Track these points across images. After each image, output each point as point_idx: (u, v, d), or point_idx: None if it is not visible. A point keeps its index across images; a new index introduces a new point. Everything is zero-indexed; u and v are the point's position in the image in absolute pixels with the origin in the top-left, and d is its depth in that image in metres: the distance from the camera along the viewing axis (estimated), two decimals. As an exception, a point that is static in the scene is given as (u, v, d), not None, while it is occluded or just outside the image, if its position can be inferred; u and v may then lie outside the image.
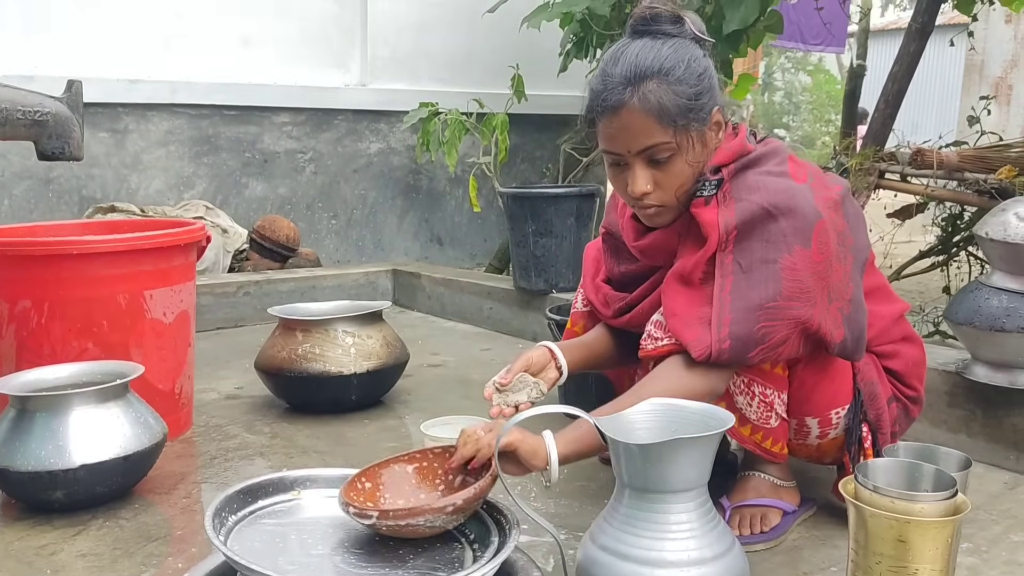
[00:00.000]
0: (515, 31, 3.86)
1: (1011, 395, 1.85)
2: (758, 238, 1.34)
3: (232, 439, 2.09)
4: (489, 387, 1.45)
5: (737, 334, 1.32)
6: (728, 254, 1.35)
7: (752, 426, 1.48)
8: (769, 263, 1.33)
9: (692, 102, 1.36)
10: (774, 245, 1.34)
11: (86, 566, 1.44)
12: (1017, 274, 1.79)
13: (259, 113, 4.39)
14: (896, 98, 3.89)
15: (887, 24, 14.31)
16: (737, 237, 1.35)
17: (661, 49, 1.36)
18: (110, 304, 1.91)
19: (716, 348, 1.31)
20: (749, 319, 1.32)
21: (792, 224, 1.34)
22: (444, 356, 2.95)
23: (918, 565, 0.87)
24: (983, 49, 8.22)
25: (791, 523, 1.56)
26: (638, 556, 1.12)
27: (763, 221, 1.34)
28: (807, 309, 1.33)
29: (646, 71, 1.34)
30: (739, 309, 1.33)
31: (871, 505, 0.91)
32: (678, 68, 1.35)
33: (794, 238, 1.34)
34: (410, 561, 1.18)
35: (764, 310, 1.32)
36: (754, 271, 1.34)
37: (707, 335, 1.32)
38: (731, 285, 1.34)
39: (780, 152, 1.46)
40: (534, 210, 3.01)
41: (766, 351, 1.34)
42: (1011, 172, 2.90)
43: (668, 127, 1.35)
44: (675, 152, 1.37)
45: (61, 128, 1.80)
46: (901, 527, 0.88)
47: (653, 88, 1.33)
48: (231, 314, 3.45)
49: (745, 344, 1.32)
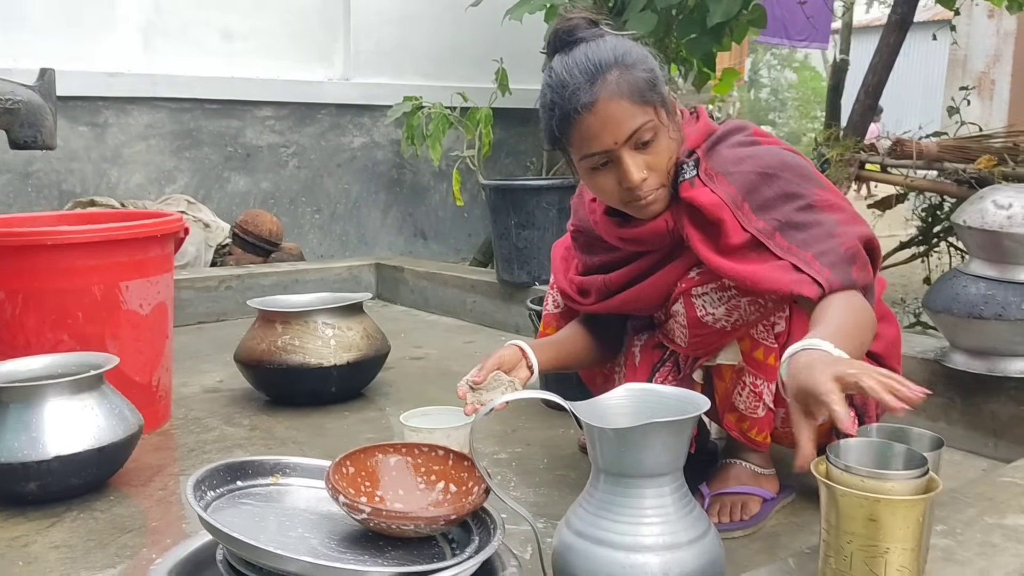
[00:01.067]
0: (498, 24, 3.85)
1: (989, 382, 1.85)
2: (776, 198, 1.36)
3: (211, 431, 2.07)
4: (463, 385, 1.42)
5: (830, 262, 1.30)
6: (757, 222, 1.35)
7: (739, 415, 1.49)
8: (805, 209, 1.35)
9: (654, 78, 1.37)
10: (797, 196, 1.35)
11: (59, 558, 1.43)
12: (995, 261, 1.79)
13: (241, 107, 4.37)
14: (876, 89, 3.90)
15: (872, 20, 14.38)
16: (752, 207, 1.36)
17: (603, 45, 1.37)
18: (85, 295, 1.89)
19: (821, 278, 1.29)
20: (830, 246, 1.31)
21: (796, 175, 1.37)
22: (426, 349, 2.94)
23: (889, 544, 0.87)
24: (966, 44, 8.26)
25: (770, 510, 1.56)
26: (613, 541, 1.11)
27: (767, 182, 1.36)
28: (864, 227, 1.36)
29: (604, 64, 1.34)
30: (814, 246, 1.32)
31: (842, 484, 0.90)
32: (629, 53, 1.36)
33: (809, 184, 1.37)
34: (388, 552, 1.17)
35: (834, 236, 1.32)
36: (796, 220, 1.34)
37: (802, 276, 1.30)
38: (784, 239, 1.33)
39: (746, 126, 1.48)
40: (516, 202, 3.01)
41: (861, 270, 1.32)
42: (990, 162, 2.91)
43: (646, 105, 1.35)
44: (658, 128, 1.36)
45: (33, 116, 1.78)
46: (872, 506, 0.88)
47: (617, 76, 1.33)
48: (213, 308, 3.43)
49: (842, 267, 1.30)
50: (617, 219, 1.51)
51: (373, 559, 1.13)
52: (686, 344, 1.50)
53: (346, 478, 1.23)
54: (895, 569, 0.88)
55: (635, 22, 3.30)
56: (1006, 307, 1.75)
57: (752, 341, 1.45)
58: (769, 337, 1.45)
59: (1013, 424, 1.84)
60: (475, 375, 1.40)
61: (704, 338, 1.47)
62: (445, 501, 1.26)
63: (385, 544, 1.19)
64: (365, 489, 1.25)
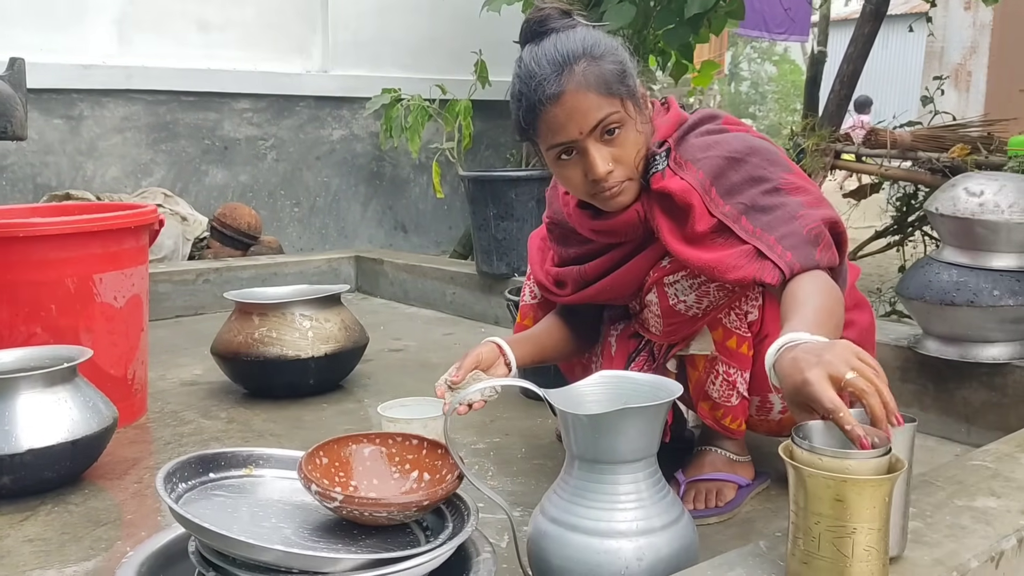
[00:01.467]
0: (477, 16, 3.84)
1: (962, 368, 1.87)
2: (743, 182, 1.36)
3: (187, 424, 2.06)
4: (441, 385, 1.39)
5: (792, 244, 1.30)
6: (723, 206, 1.36)
7: (713, 403, 1.50)
8: (771, 192, 1.35)
9: (624, 70, 1.36)
10: (763, 180, 1.36)
11: (33, 551, 1.42)
12: (967, 248, 1.81)
13: (218, 99, 4.33)
14: (851, 79, 3.93)
15: (850, 13, 14.44)
16: (720, 191, 1.36)
17: (572, 36, 1.37)
18: (58, 288, 1.87)
19: (784, 264, 1.29)
20: (793, 229, 1.32)
21: (764, 159, 1.38)
22: (406, 341, 2.94)
23: (856, 524, 0.88)
24: (943, 36, 8.33)
25: (745, 496, 1.57)
26: (588, 527, 1.12)
27: (734, 167, 1.37)
28: (829, 210, 1.36)
29: (572, 55, 1.34)
30: (777, 229, 1.32)
31: (808, 465, 0.91)
32: (598, 45, 1.36)
33: (773, 167, 1.37)
34: (362, 540, 1.17)
35: (799, 218, 1.33)
36: (762, 203, 1.34)
37: (765, 262, 1.30)
38: (749, 223, 1.34)
39: (717, 115, 1.48)
40: (495, 194, 3.01)
41: (824, 251, 1.32)
42: (963, 150, 2.94)
43: (613, 96, 1.34)
44: (625, 120, 1.36)
45: (3, 107, 1.76)
46: (838, 486, 0.88)
47: (584, 67, 1.33)
48: (190, 302, 3.41)
49: (804, 249, 1.30)
50: (589, 211, 1.51)
51: (347, 547, 1.13)
52: (660, 333, 1.51)
53: (319, 468, 1.23)
54: (862, 549, 0.89)
55: (613, 13, 3.30)
56: (978, 294, 1.77)
57: (725, 330, 1.46)
58: (742, 326, 1.46)
59: (985, 410, 1.86)
60: (453, 375, 1.38)
61: (677, 326, 1.48)
62: (419, 489, 1.26)
63: (359, 532, 1.19)
64: (339, 479, 1.25)
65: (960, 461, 1.34)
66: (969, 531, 1.08)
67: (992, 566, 1.03)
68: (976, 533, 1.07)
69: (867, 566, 0.90)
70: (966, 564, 1.00)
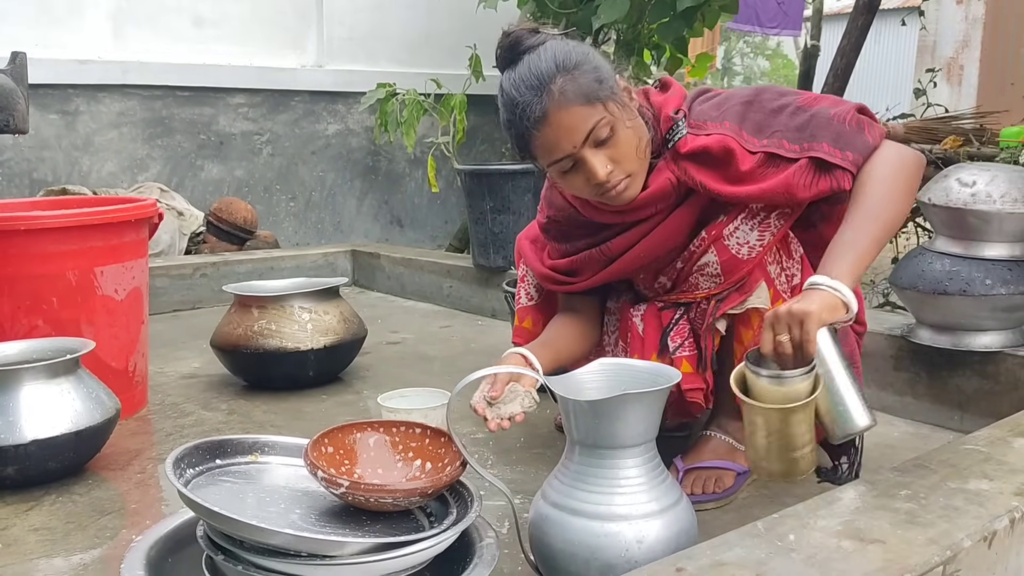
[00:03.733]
0: (472, 11, 3.85)
1: (954, 357, 1.90)
2: (767, 115, 1.45)
3: (188, 416, 2.08)
4: (480, 402, 1.38)
5: (846, 142, 1.40)
6: (755, 143, 1.44)
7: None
8: (793, 113, 1.44)
9: (600, 75, 1.41)
10: (782, 106, 1.45)
11: (39, 540, 1.43)
12: (959, 238, 1.83)
13: (214, 94, 4.34)
14: (844, 72, 3.95)
15: (843, 8, 14.46)
16: (750, 131, 1.45)
17: (543, 55, 1.41)
18: (60, 281, 1.88)
19: (847, 164, 1.38)
20: (835, 128, 1.40)
21: (772, 93, 1.48)
22: (403, 334, 2.95)
23: (795, 433, 1.19)
24: (935, 30, 8.36)
25: (743, 483, 1.59)
26: (588, 511, 1.14)
27: (751, 108, 1.46)
28: (851, 103, 1.45)
29: (547, 75, 1.39)
30: (820, 136, 1.40)
31: (753, 386, 1.18)
32: (570, 57, 1.41)
33: (787, 95, 1.48)
34: (368, 525, 1.19)
35: (834, 120, 1.41)
36: (791, 124, 1.43)
37: (833, 171, 1.39)
38: (787, 141, 1.42)
39: (711, 88, 1.59)
40: (491, 187, 3.02)
41: (871, 130, 1.41)
42: (956, 142, 2.96)
43: (596, 104, 1.39)
44: (613, 122, 1.41)
45: (5, 100, 1.77)
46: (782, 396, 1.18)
47: (562, 83, 1.38)
48: (188, 296, 3.42)
49: (857, 138, 1.40)
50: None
51: (353, 532, 1.15)
52: (718, 286, 1.52)
53: (324, 456, 1.25)
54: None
55: (607, 9, 3.32)
56: (970, 283, 1.79)
57: (775, 292, 1.50)
58: (788, 289, 1.52)
59: (977, 398, 1.89)
60: (491, 390, 1.37)
61: (736, 274, 1.51)
62: (423, 476, 1.28)
63: (364, 518, 1.21)
64: (344, 467, 1.27)
65: (953, 445, 1.36)
66: (962, 512, 1.10)
67: (985, 545, 1.05)
68: (969, 514, 1.09)
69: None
70: (959, 543, 1.02)
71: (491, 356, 2.49)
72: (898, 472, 1.23)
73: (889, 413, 2.01)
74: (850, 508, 1.11)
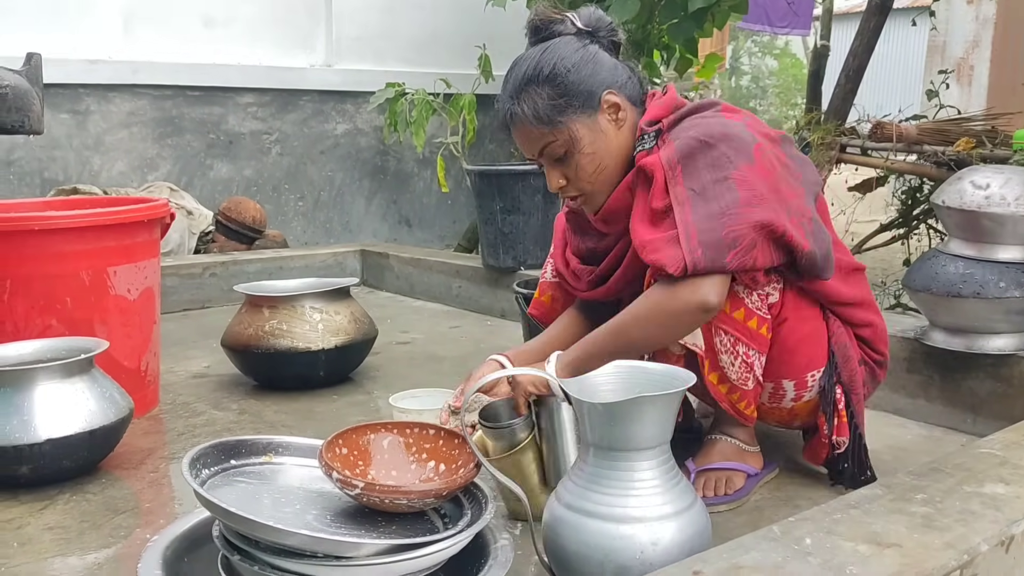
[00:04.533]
0: (481, 11, 3.85)
1: (967, 359, 1.89)
2: (704, 165, 1.39)
3: (199, 416, 2.08)
4: (444, 410, 1.52)
5: (706, 241, 1.34)
6: (679, 185, 1.39)
7: (731, 385, 1.49)
8: (721, 181, 1.37)
9: (561, 99, 1.44)
10: (721, 167, 1.38)
11: (53, 539, 1.44)
12: (972, 241, 1.83)
13: (223, 94, 4.35)
14: (857, 73, 3.94)
15: (852, 7, 14.44)
16: (683, 169, 1.39)
17: (534, 56, 1.47)
18: (73, 281, 1.89)
19: (690, 258, 1.33)
20: (714, 226, 1.35)
21: (731, 146, 1.39)
22: (413, 334, 2.96)
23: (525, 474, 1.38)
24: (945, 30, 8.33)
25: (754, 485, 1.59)
26: (603, 513, 1.14)
27: (703, 150, 1.39)
28: (767, 213, 1.35)
29: (521, 82, 1.46)
30: (701, 220, 1.35)
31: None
32: (543, 71, 1.45)
33: (738, 157, 1.38)
34: (382, 527, 1.19)
35: (726, 216, 1.35)
36: (708, 190, 1.37)
37: (678, 250, 1.34)
38: (690, 207, 1.37)
39: (716, 103, 1.52)
40: (501, 187, 3.02)
41: (740, 255, 1.35)
42: (969, 144, 2.95)
43: (551, 127, 1.45)
44: (567, 146, 1.46)
45: (20, 101, 1.77)
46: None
47: (526, 97, 1.45)
48: (197, 295, 3.43)
49: (717, 249, 1.34)
50: None
51: (368, 533, 1.15)
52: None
53: (339, 458, 1.25)
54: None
55: (618, 8, 3.31)
56: (984, 286, 1.79)
57: (747, 311, 1.45)
58: (763, 307, 1.47)
59: (991, 400, 1.88)
60: (455, 400, 1.50)
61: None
62: (437, 478, 1.28)
63: (379, 519, 1.21)
64: (359, 468, 1.27)
65: (968, 449, 1.36)
66: (979, 516, 1.10)
67: (1002, 550, 1.05)
68: (986, 518, 1.09)
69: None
70: (976, 548, 1.02)
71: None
72: (914, 476, 1.22)
73: (902, 416, 2.01)
74: (866, 512, 1.10)
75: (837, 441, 1.53)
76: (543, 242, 2.95)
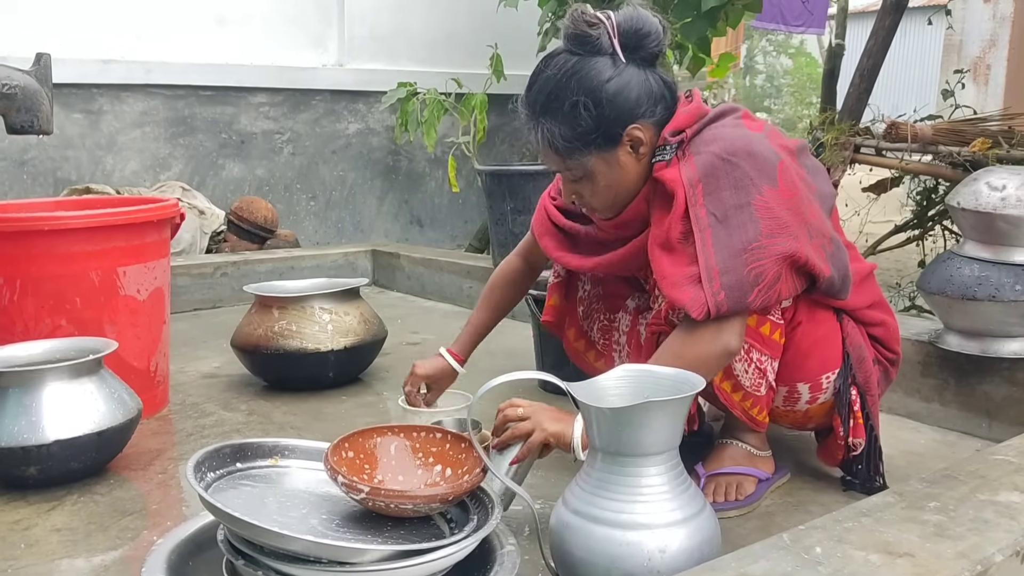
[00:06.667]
0: (494, 11, 3.84)
1: (982, 363, 1.87)
2: (725, 186, 1.35)
3: (208, 416, 2.08)
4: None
5: (729, 283, 1.31)
6: (700, 207, 1.35)
7: (744, 392, 1.48)
8: (743, 207, 1.34)
9: (579, 140, 1.40)
10: (743, 189, 1.34)
11: (60, 540, 1.44)
12: (988, 243, 1.80)
13: (235, 93, 4.36)
14: (871, 73, 3.90)
15: (867, 6, 14.35)
16: (704, 189, 1.36)
17: (560, 80, 1.40)
18: (83, 281, 1.89)
19: (713, 302, 1.31)
20: (737, 264, 1.32)
21: (754, 166, 1.35)
22: (423, 335, 2.95)
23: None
24: (961, 29, 8.26)
25: (765, 490, 1.57)
26: (610, 519, 1.13)
27: (725, 169, 1.35)
28: (791, 243, 1.34)
29: (542, 107, 1.42)
30: (724, 258, 1.33)
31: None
32: (565, 104, 1.39)
33: (760, 179, 1.35)
34: (387, 531, 1.18)
35: (749, 251, 1.32)
36: (730, 218, 1.34)
37: (700, 292, 1.32)
38: (711, 237, 1.34)
39: (736, 109, 1.49)
40: (512, 188, 3.01)
41: (764, 292, 1.33)
42: (984, 144, 2.91)
43: (565, 158, 1.43)
44: (583, 175, 1.44)
45: (30, 101, 1.78)
46: None
47: (547, 124, 1.42)
48: (208, 295, 3.43)
49: (741, 290, 1.32)
50: None
51: (373, 538, 1.15)
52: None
53: (345, 461, 1.24)
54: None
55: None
56: (999, 288, 1.76)
57: (759, 317, 1.43)
58: (776, 312, 1.45)
59: (1006, 405, 1.86)
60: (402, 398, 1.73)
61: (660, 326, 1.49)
62: (443, 482, 1.27)
63: (384, 524, 1.20)
64: (365, 472, 1.27)
65: (982, 455, 1.34)
66: (993, 525, 1.08)
67: (1017, 560, 1.03)
68: (1000, 527, 1.07)
69: None
70: (990, 558, 1.00)
71: (510, 357, 2.48)
72: (926, 483, 1.21)
73: (916, 420, 1.99)
74: (878, 520, 1.09)
75: (854, 443, 1.51)
76: (554, 243, 2.93)
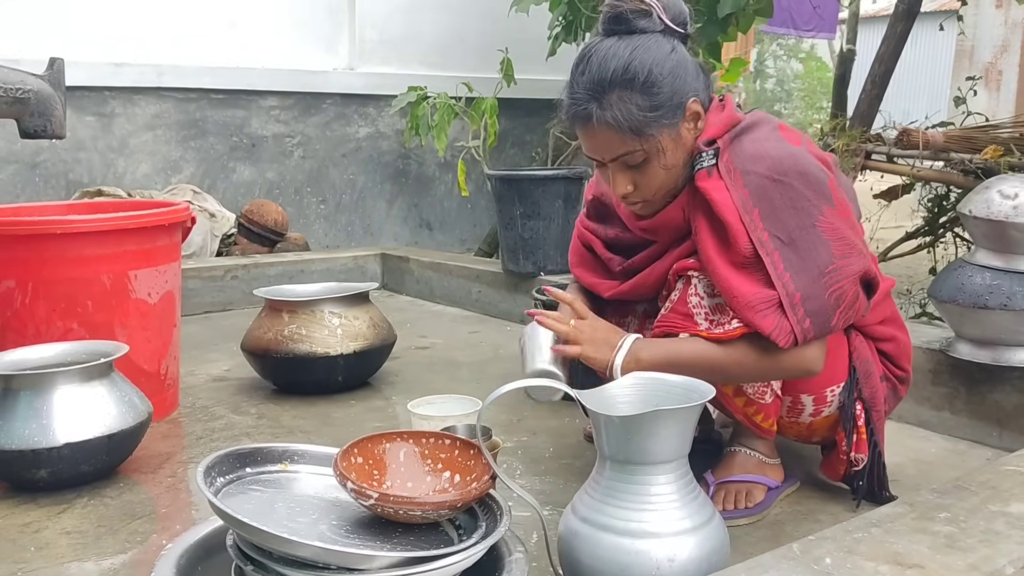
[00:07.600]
0: (504, 15, 3.84)
1: (994, 372, 1.86)
2: (784, 207, 1.34)
3: (218, 420, 2.09)
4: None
5: (814, 309, 1.33)
6: (762, 232, 1.34)
7: (747, 399, 1.48)
8: (807, 228, 1.34)
9: (655, 112, 1.36)
10: (803, 211, 1.34)
11: (70, 543, 1.44)
12: (1000, 251, 1.80)
13: (246, 97, 4.37)
14: (883, 79, 3.89)
15: (879, 11, 14.31)
16: (760, 213, 1.35)
17: (624, 55, 1.35)
18: (94, 284, 1.90)
19: (800, 331, 1.33)
20: (817, 289, 1.33)
21: (808, 186, 1.35)
22: (432, 339, 2.95)
23: None
24: (973, 35, 8.23)
25: (774, 498, 1.57)
26: (619, 527, 1.13)
27: (778, 190, 1.35)
28: (861, 261, 1.36)
29: (606, 83, 1.35)
30: (804, 284, 1.33)
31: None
32: (639, 77, 1.34)
33: (819, 199, 1.35)
34: (396, 538, 1.18)
35: (827, 275, 1.34)
36: (797, 241, 1.34)
37: (784, 320, 1.33)
38: (782, 261, 1.33)
39: (769, 119, 1.47)
40: (522, 192, 3.01)
41: (844, 313, 1.36)
42: (996, 152, 2.90)
43: (636, 136, 1.37)
44: (647, 156, 1.39)
45: (43, 106, 1.79)
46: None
47: (615, 101, 1.35)
48: (219, 298, 3.44)
49: (825, 315, 1.34)
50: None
51: (382, 545, 1.15)
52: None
53: (354, 467, 1.24)
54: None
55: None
56: (1011, 297, 1.76)
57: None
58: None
59: (1017, 414, 1.85)
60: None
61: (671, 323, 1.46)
62: (452, 488, 1.27)
63: (393, 530, 1.20)
64: (374, 478, 1.27)
65: (993, 466, 1.33)
66: (1004, 536, 1.07)
67: (1028, 572, 1.02)
68: (1011, 539, 1.06)
69: None
70: (1001, 570, 0.99)
71: (520, 362, 2.48)
72: (937, 494, 1.20)
73: (926, 428, 1.98)
74: (888, 531, 1.08)
75: (856, 458, 1.50)
76: (563, 247, 2.93)
